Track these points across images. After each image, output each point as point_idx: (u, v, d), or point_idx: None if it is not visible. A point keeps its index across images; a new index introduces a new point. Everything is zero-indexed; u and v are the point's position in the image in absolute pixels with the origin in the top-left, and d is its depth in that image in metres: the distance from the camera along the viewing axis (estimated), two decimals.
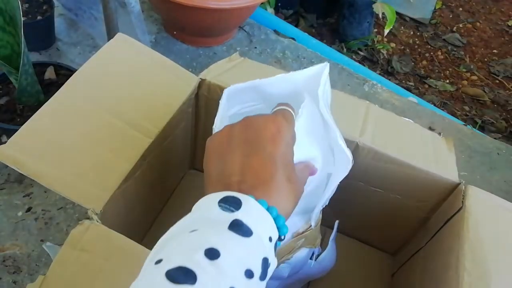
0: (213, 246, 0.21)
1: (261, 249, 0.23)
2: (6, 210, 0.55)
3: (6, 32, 0.55)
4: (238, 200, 0.24)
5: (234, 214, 0.23)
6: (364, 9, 1.23)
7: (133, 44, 0.47)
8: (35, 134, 0.37)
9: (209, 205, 0.24)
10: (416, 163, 0.44)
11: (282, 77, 0.36)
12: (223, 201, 0.24)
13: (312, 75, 0.37)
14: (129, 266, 0.22)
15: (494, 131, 1.16)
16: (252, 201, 0.24)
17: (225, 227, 0.22)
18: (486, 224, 0.39)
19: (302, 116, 0.33)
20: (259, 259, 0.23)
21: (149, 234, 0.53)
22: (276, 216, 0.25)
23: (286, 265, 0.39)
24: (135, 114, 0.42)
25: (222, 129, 0.30)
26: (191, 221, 0.24)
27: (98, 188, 0.36)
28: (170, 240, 0.23)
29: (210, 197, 0.25)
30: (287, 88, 0.37)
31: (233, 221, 0.23)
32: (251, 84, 0.36)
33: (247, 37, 0.90)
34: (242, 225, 0.23)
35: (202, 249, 0.21)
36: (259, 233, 0.23)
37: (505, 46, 1.47)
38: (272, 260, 0.24)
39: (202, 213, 0.24)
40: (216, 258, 0.21)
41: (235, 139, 0.28)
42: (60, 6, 0.82)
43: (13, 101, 0.60)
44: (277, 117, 0.29)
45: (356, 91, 0.84)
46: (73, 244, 0.32)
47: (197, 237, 0.22)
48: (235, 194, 0.24)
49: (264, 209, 0.24)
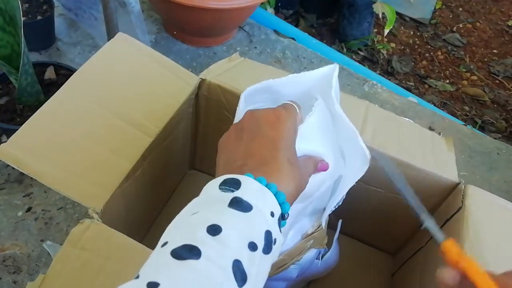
0: (214, 222, 0.22)
1: (263, 222, 0.24)
2: (6, 210, 0.55)
3: (6, 32, 0.55)
4: (237, 181, 0.25)
5: (234, 193, 0.24)
6: (364, 9, 1.23)
7: (134, 44, 0.47)
8: (36, 133, 0.37)
9: (211, 189, 0.25)
10: (416, 163, 0.45)
11: (293, 77, 0.38)
12: (223, 184, 0.25)
13: (322, 76, 0.38)
14: (129, 264, 0.22)
15: (494, 131, 1.16)
16: (251, 179, 0.25)
17: (225, 205, 0.23)
18: (485, 223, 0.39)
19: (315, 113, 0.34)
20: (262, 232, 0.23)
21: (149, 234, 0.53)
22: (276, 192, 0.25)
23: (295, 266, 0.40)
24: (135, 113, 0.42)
25: (230, 129, 0.32)
26: (193, 205, 0.25)
27: (98, 187, 0.36)
28: (175, 224, 0.24)
29: (211, 182, 0.26)
30: (297, 88, 0.38)
31: (232, 198, 0.24)
32: (265, 84, 0.38)
33: (247, 37, 0.90)
34: (242, 201, 0.24)
35: (204, 227, 0.22)
36: (260, 207, 0.24)
37: (505, 46, 1.47)
38: (278, 235, 0.25)
39: (204, 197, 0.25)
40: (218, 233, 0.21)
41: (239, 132, 0.30)
42: (60, 6, 0.82)
43: (13, 101, 0.60)
44: (276, 108, 0.31)
45: (356, 91, 0.84)
46: (74, 243, 0.32)
47: (198, 217, 0.23)
48: (234, 176, 0.25)
49: (263, 185, 0.25)
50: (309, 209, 0.38)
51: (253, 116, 0.30)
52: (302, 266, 0.41)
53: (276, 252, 0.25)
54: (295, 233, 0.38)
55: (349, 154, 0.38)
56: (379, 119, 0.49)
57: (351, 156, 0.38)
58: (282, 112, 0.30)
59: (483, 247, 0.37)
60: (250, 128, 0.30)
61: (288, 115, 0.30)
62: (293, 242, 0.38)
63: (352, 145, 0.36)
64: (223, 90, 0.48)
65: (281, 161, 0.27)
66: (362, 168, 0.35)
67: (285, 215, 0.26)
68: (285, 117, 0.30)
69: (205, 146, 0.58)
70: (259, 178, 0.25)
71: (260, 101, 0.40)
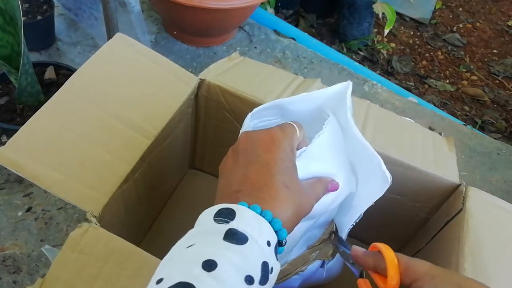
0: (209, 257, 0.21)
1: (259, 253, 0.23)
2: (6, 210, 0.55)
3: (6, 32, 0.55)
4: (232, 211, 0.24)
5: (229, 224, 0.24)
6: (364, 9, 1.23)
7: (132, 44, 0.47)
8: (34, 136, 0.37)
9: (206, 220, 0.25)
10: (417, 164, 0.44)
11: (304, 96, 0.37)
12: (217, 215, 0.24)
13: (334, 94, 0.37)
14: (127, 268, 0.22)
15: (494, 131, 1.16)
16: (245, 208, 0.24)
17: (220, 238, 0.23)
18: (486, 226, 0.39)
19: (325, 132, 0.33)
20: (258, 264, 0.23)
21: (149, 234, 0.53)
22: (271, 220, 0.25)
23: (298, 277, 0.39)
24: (134, 115, 0.42)
25: (228, 153, 0.31)
26: (188, 237, 0.24)
27: (96, 190, 0.36)
28: (169, 258, 0.23)
29: (206, 212, 0.25)
30: (307, 105, 0.38)
31: (227, 231, 0.23)
32: (273, 104, 0.37)
33: (247, 37, 0.90)
34: (237, 233, 0.23)
35: (199, 262, 0.21)
36: (255, 237, 0.23)
37: (505, 46, 1.47)
38: (274, 264, 0.24)
39: (199, 229, 0.25)
40: (214, 269, 0.21)
41: (235, 155, 0.29)
42: (60, 6, 0.82)
43: (13, 101, 0.60)
44: (272, 128, 0.30)
45: (356, 91, 0.84)
46: (72, 247, 0.32)
47: (194, 252, 0.22)
48: (228, 205, 0.25)
49: (257, 214, 0.24)
50: (318, 222, 0.38)
51: (248, 139, 0.30)
52: (305, 277, 0.40)
53: (272, 281, 0.24)
54: (301, 244, 0.38)
55: (364, 172, 0.37)
56: (379, 119, 0.49)
57: (367, 174, 0.37)
58: (278, 133, 0.29)
59: (483, 249, 0.37)
60: (245, 152, 0.29)
61: (284, 136, 0.29)
62: (298, 252, 0.38)
63: (369, 165, 0.35)
64: (223, 90, 0.48)
65: (276, 185, 0.26)
66: (382, 187, 0.35)
67: (282, 242, 0.25)
68: (280, 138, 0.29)
69: (205, 146, 0.58)
70: (253, 206, 0.25)
71: (267, 116, 0.39)
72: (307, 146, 0.32)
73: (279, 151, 0.28)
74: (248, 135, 0.30)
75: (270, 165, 0.27)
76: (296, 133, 0.31)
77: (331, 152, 0.34)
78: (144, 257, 0.32)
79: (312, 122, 0.35)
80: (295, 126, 0.31)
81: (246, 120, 0.35)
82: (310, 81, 0.53)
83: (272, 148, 0.28)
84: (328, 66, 0.89)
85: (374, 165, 0.35)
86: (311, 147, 0.32)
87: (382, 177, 0.35)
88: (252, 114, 0.36)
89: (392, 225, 0.53)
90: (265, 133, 0.29)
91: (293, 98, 0.37)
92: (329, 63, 0.90)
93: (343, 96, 0.37)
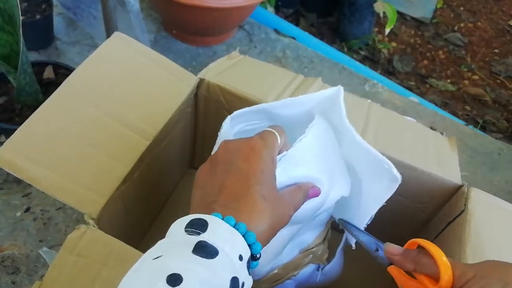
0: (175, 271, 0.20)
1: (230, 268, 0.22)
2: (4, 211, 0.55)
3: (4, 31, 0.54)
4: (204, 222, 0.23)
5: (200, 236, 0.23)
6: (365, 8, 1.23)
7: (131, 43, 0.46)
8: (32, 136, 0.37)
9: (177, 230, 0.24)
10: (418, 165, 0.44)
11: (291, 101, 0.36)
12: (189, 225, 0.24)
13: (325, 99, 0.36)
14: (125, 271, 0.21)
15: (496, 131, 1.15)
16: (218, 220, 0.24)
17: (189, 251, 0.22)
18: (488, 227, 0.39)
19: (308, 136, 0.32)
20: (227, 280, 0.22)
21: (149, 234, 0.53)
22: (245, 232, 0.24)
23: (291, 282, 0.38)
24: (133, 115, 0.42)
25: (206, 161, 0.30)
26: (157, 248, 0.23)
27: (94, 192, 0.36)
28: (135, 268, 0.22)
29: (178, 222, 0.25)
30: (295, 110, 0.37)
31: (197, 243, 0.22)
32: (258, 108, 0.36)
33: (247, 36, 0.90)
34: (207, 245, 0.22)
35: (164, 276, 0.20)
36: (227, 251, 0.23)
37: (506, 45, 1.47)
38: (246, 279, 0.23)
39: (169, 239, 0.24)
40: (179, 284, 0.20)
41: (213, 164, 0.29)
42: (59, 5, 0.82)
43: (12, 100, 0.60)
44: (252, 137, 0.29)
45: (356, 90, 0.84)
46: (70, 249, 0.31)
47: (160, 264, 0.21)
48: (201, 216, 0.24)
49: (231, 226, 0.24)
50: (309, 226, 0.37)
51: (227, 148, 0.29)
52: (299, 281, 0.39)
53: None
54: (292, 247, 0.37)
55: (369, 174, 0.36)
56: (381, 118, 0.49)
57: (372, 176, 0.36)
58: (258, 143, 0.28)
59: (485, 251, 0.37)
60: (224, 161, 0.28)
61: (264, 146, 0.28)
62: (289, 256, 0.37)
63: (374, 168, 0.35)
64: (222, 89, 0.47)
65: (253, 197, 0.25)
66: (392, 187, 0.34)
67: (256, 256, 0.25)
68: (260, 148, 0.28)
69: (205, 146, 0.57)
70: (227, 218, 0.24)
71: (254, 119, 0.38)
72: (287, 151, 0.31)
73: (259, 162, 0.27)
74: (228, 144, 0.29)
75: (248, 175, 0.26)
76: (277, 142, 0.30)
77: (315, 156, 0.33)
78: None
79: (300, 126, 0.34)
80: (276, 134, 0.30)
81: (225, 123, 0.34)
82: (311, 80, 0.52)
83: (252, 158, 0.27)
84: (329, 65, 0.89)
85: (381, 167, 0.34)
86: (292, 151, 0.31)
87: (390, 177, 0.34)
88: (232, 117, 0.35)
89: (393, 225, 0.52)
90: (245, 142, 0.29)
91: (279, 102, 0.36)
92: (330, 63, 0.89)
93: (335, 101, 0.36)
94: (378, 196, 0.35)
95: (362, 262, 0.56)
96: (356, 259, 0.56)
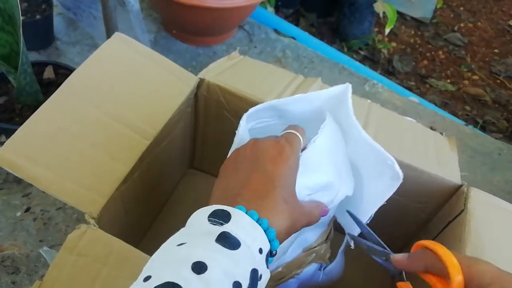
0: (200, 259, 0.21)
1: (250, 260, 0.23)
2: (4, 210, 0.55)
3: (4, 31, 0.54)
4: (227, 213, 0.24)
5: (223, 227, 0.23)
6: (365, 8, 1.23)
7: (131, 43, 0.46)
8: (32, 136, 0.37)
9: (200, 219, 0.25)
10: (418, 164, 0.44)
11: (301, 97, 0.36)
12: (212, 215, 0.24)
13: (334, 95, 0.37)
14: (126, 270, 0.22)
15: (495, 131, 1.15)
16: (242, 213, 0.24)
17: (213, 240, 0.23)
18: (488, 227, 0.39)
19: (322, 136, 0.33)
20: (248, 271, 0.23)
21: (149, 234, 0.53)
22: (266, 228, 0.25)
23: (295, 280, 0.39)
24: (133, 115, 0.42)
25: (231, 154, 0.31)
26: (180, 235, 0.24)
27: (95, 192, 0.36)
28: (159, 256, 0.23)
29: (201, 211, 0.25)
30: (305, 107, 0.37)
31: (220, 233, 0.23)
32: (268, 104, 0.36)
33: (247, 36, 0.90)
34: (230, 237, 0.23)
35: (189, 263, 0.21)
36: (248, 244, 0.23)
37: (506, 45, 1.47)
38: (264, 272, 0.24)
39: (192, 228, 0.25)
40: (203, 272, 0.21)
41: (240, 159, 0.30)
42: (59, 5, 0.82)
43: (12, 100, 0.60)
44: (280, 140, 0.30)
45: (356, 90, 0.84)
46: (70, 249, 0.31)
47: (184, 251, 0.22)
48: (225, 207, 0.25)
49: (254, 220, 0.24)
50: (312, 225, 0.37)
51: (256, 147, 0.30)
52: (302, 280, 0.40)
53: (261, 287, 0.24)
54: (296, 246, 0.37)
55: (370, 172, 0.37)
56: (381, 118, 0.49)
57: (374, 174, 0.36)
58: (286, 147, 0.29)
59: (485, 251, 0.37)
60: (251, 159, 0.29)
61: (291, 151, 0.30)
62: (292, 255, 0.37)
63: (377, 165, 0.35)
64: (222, 90, 0.47)
65: (276, 197, 0.27)
66: (393, 185, 0.34)
67: (273, 252, 0.25)
68: (288, 153, 0.29)
69: (205, 146, 0.58)
70: (250, 212, 0.25)
71: (265, 117, 0.38)
72: (302, 152, 0.32)
73: (285, 166, 0.28)
74: (257, 142, 0.30)
75: (274, 177, 0.28)
76: (301, 145, 0.31)
77: (327, 156, 0.33)
78: (142, 258, 0.32)
79: (310, 122, 0.35)
80: (300, 138, 0.31)
81: (242, 121, 0.35)
82: (311, 80, 0.52)
83: (279, 162, 0.28)
84: (329, 65, 0.89)
85: (383, 165, 0.35)
86: (307, 152, 0.32)
87: (392, 175, 0.34)
88: (248, 115, 0.35)
89: (393, 225, 0.52)
90: (273, 144, 0.30)
91: (289, 99, 0.36)
92: (330, 63, 0.89)
93: (343, 98, 0.36)
94: (379, 195, 0.35)
95: (362, 262, 0.56)
96: (356, 259, 0.56)
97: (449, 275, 0.24)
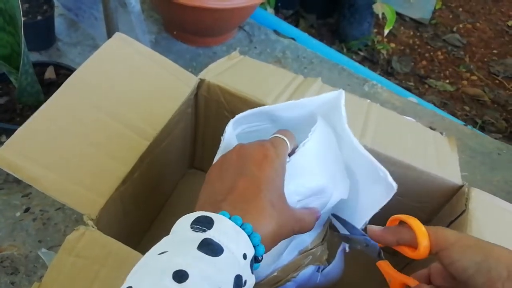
0: (181, 268, 0.21)
1: (234, 266, 0.23)
2: (4, 211, 0.55)
3: (6, 32, 0.54)
4: (210, 219, 0.24)
5: (206, 233, 0.23)
6: (364, 9, 1.23)
7: (132, 44, 0.46)
8: (32, 137, 0.37)
9: (183, 227, 0.24)
10: (418, 165, 0.44)
11: (293, 103, 0.36)
12: (195, 222, 0.24)
13: (327, 101, 0.36)
14: (124, 272, 0.21)
15: (495, 131, 1.16)
16: (225, 218, 0.24)
17: (194, 247, 0.22)
18: (489, 228, 0.39)
19: (311, 140, 0.33)
20: (231, 277, 0.22)
21: (148, 235, 0.53)
22: (250, 233, 0.24)
23: (292, 284, 0.38)
24: (133, 115, 0.42)
25: (217, 160, 0.31)
26: (162, 244, 0.24)
27: (94, 193, 0.36)
28: (141, 265, 0.23)
29: (184, 218, 0.25)
30: (298, 112, 0.37)
31: (203, 240, 0.23)
32: (259, 110, 0.36)
33: (247, 37, 0.90)
34: (212, 243, 0.23)
35: (170, 272, 0.21)
36: (232, 249, 0.23)
37: (505, 46, 1.47)
38: (249, 277, 0.24)
39: (175, 235, 0.24)
40: (184, 280, 0.20)
41: (226, 165, 0.29)
42: (60, 6, 0.82)
43: (13, 100, 0.60)
44: (265, 143, 0.30)
45: (356, 91, 0.84)
46: (69, 250, 0.31)
47: (166, 260, 0.22)
48: (207, 214, 0.24)
49: (237, 225, 0.24)
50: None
51: (241, 151, 0.30)
52: (299, 283, 0.39)
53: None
54: (291, 249, 0.37)
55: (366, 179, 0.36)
56: (380, 118, 0.49)
57: (370, 182, 0.36)
58: (270, 151, 0.29)
59: None
60: (237, 164, 0.29)
61: (276, 155, 0.29)
62: (288, 258, 0.37)
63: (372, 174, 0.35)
64: (223, 90, 0.48)
65: (262, 201, 0.26)
66: (388, 194, 0.34)
67: (258, 258, 0.25)
68: (273, 157, 0.29)
69: (205, 146, 0.58)
70: (234, 217, 0.24)
71: (255, 121, 0.38)
72: (290, 157, 0.31)
73: (271, 170, 0.28)
74: (243, 147, 0.30)
75: (259, 180, 0.27)
76: (287, 150, 0.31)
77: (318, 160, 0.33)
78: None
79: (303, 127, 0.34)
80: (287, 142, 0.31)
81: (228, 127, 0.34)
82: (311, 80, 0.52)
83: (264, 165, 0.28)
84: (328, 66, 0.89)
85: (378, 175, 0.34)
86: (296, 156, 0.31)
87: (386, 186, 0.34)
88: (235, 121, 0.35)
89: None
90: (258, 148, 0.29)
91: (281, 105, 0.36)
92: (329, 64, 0.89)
93: (336, 104, 0.36)
94: (374, 201, 0.35)
95: (362, 262, 0.56)
96: (355, 259, 0.56)
97: (417, 241, 0.27)
